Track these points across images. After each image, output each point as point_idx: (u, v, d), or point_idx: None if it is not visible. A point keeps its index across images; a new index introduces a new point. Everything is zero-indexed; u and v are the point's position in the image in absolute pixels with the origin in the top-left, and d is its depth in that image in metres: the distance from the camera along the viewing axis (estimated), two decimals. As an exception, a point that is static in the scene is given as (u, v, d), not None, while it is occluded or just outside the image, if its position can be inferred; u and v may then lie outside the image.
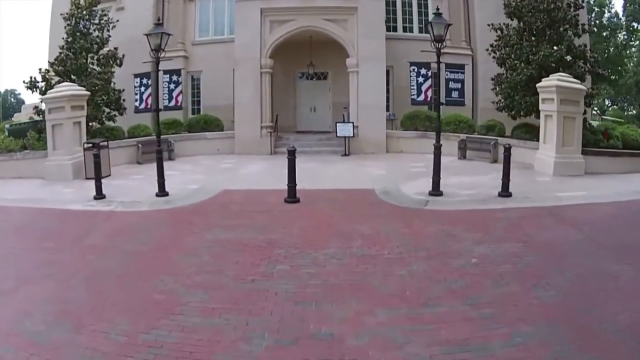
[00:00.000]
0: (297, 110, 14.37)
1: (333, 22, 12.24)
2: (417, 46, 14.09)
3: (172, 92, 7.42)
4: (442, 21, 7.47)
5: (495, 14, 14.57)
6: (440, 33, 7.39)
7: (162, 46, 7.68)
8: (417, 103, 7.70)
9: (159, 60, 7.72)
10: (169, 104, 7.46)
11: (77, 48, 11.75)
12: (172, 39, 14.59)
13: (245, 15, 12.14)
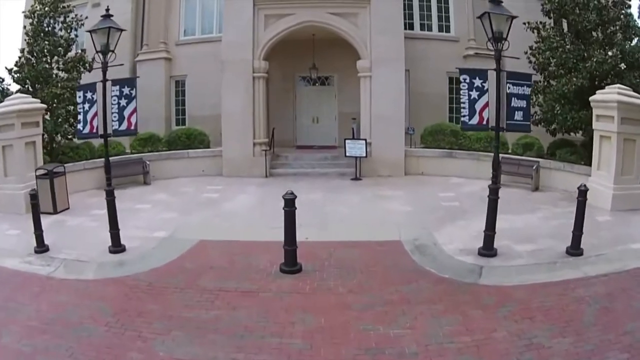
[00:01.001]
0: (297, 121, 12.26)
1: (341, 16, 10.07)
2: (436, 47, 12.14)
3: (122, 110, 5.40)
4: (503, 12, 5.35)
5: (525, 10, 12.50)
6: (501, 29, 5.28)
7: (111, 46, 5.62)
8: (469, 128, 5.63)
9: (106, 67, 5.66)
10: (119, 127, 5.42)
11: (39, 51, 9.81)
12: (154, 38, 12.80)
13: (234, 8, 10.02)
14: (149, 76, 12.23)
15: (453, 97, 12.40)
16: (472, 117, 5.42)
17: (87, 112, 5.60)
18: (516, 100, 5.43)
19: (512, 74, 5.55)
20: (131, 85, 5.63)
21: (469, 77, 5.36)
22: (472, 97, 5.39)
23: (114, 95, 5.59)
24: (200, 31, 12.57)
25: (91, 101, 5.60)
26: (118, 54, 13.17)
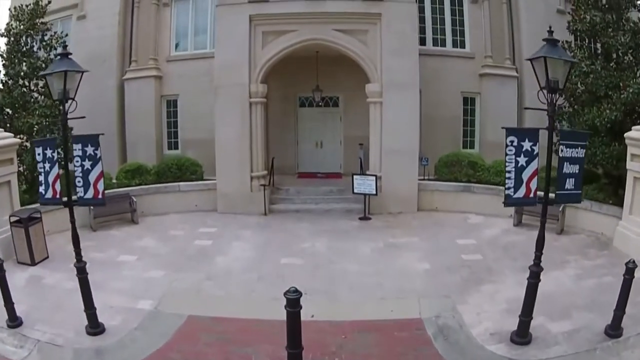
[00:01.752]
0: (299, 146, 11.29)
1: (348, 33, 9.05)
2: (451, 64, 11.09)
3: (87, 174, 4.39)
4: (561, 55, 4.37)
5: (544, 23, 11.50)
6: (558, 76, 4.34)
7: (70, 92, 4.65)
8: (513, 202, 4.67)
9: (66, 121, 4.71)
10: (84, 194, 4.45)
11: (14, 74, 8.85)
12: (143, 53, 11.59)
13: (228, 25, 8.98)
14: (138, 96, 11.31)
15: (467, 119, 11.45)
16: (517, 189, 4.47)
17: (49, 173, 4.66)
18: (568, 166, 4.47)
19: (566, 134, 4.58)
20: (95, 144, 4.66)
21: (517, 139, 4.38)
22: (519, 165, 4.43)
23: (77, 155, 4.63)
24: (193, 46, 11.51)
25: (52, 160, 4.66)
26: (105, 73, 12.33)
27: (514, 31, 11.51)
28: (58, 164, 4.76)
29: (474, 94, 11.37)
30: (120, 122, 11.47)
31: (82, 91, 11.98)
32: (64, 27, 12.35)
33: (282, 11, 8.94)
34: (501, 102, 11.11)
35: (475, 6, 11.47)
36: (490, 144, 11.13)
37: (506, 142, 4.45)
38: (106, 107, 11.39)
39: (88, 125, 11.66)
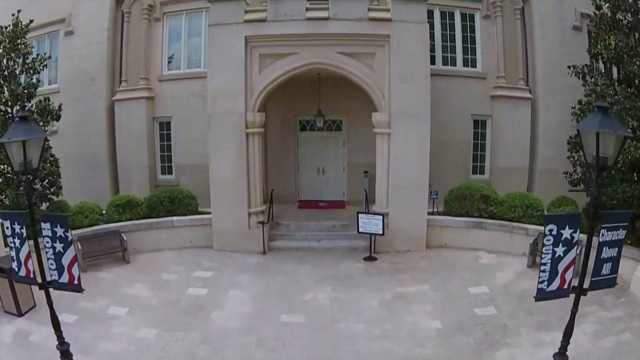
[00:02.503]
0: (299, 172, 10.65)
1: (354, 57, 8.36)
2: (461, 85, 10.40)
3: (60, 257, 3.82)
4: (616, 126, 3.69)
5: (559, 43, 10.95)
6: (608, 152, 3.70)
7: (34, 162, 3.99)
8: (546, 297, 4.08)
9: (31, 205, 4.05)
10: (59, 278, 3.92)
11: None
12: (133, 72, 10.64)
13: (221, 47, 8.28)
14: (129, 118, 10.66)
15: (478, 144, 10.81)
16: (552, 282, 3.86)
17: (19, 250, 4.06)
18: (608, 250, 3.87)
19: (610, 216, 3.94)
20: (64, 225, 4.02)
21: (557, 227, 3.74)
22: (556, 255, 3.81)
23: (46, 235, 4.01)
24: (187, 64, 10.81)
25: (21, 237, 4.05)
26: (94, 93, 11.50)
27: (527, 49, 10.82)
28: (28, 242, 4.14)
29: (484, 117, 10.72)
30: (111, 145, 10.82)
31: (70, 113, 11.52)
32: (52, 42, 11.65)
33: (281, 32, 8.24)
34: (514, 125, 10.47)
35: (488, 22, 10.75)
36: (501, 169, 10.54)
37: (545, 231, 3.82)
38: (96, 130, 10.77)
39: (78, 148, 11.20)
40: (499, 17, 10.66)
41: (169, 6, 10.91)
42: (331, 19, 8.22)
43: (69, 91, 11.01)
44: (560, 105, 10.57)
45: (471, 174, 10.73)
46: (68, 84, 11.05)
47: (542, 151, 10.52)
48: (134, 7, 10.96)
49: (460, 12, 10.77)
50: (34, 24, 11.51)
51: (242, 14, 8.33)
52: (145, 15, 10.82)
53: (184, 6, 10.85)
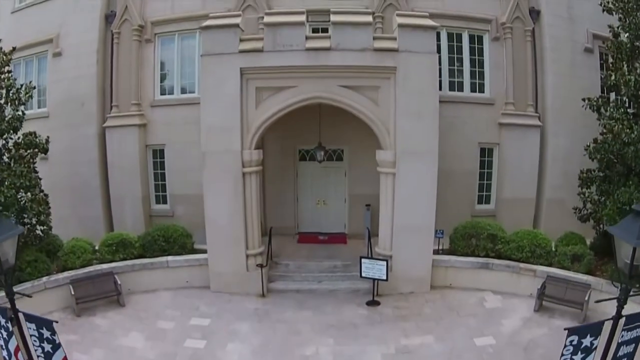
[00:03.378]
0: (299, 203, 10.24)
1: (357, 90, 7.89)
2: (468, 112, 9.94)
3: (50, 356, 3.60)
4: None
5: (570, 66, 10.48)
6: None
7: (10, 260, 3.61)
8: None
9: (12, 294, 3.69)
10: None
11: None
12: (124, 97, 10.00)
13: (215, 79, 7.78)
14: (121, 146, 10.19)
15: (484, 172, 10.40)
16: None
17: (7, 341, 3.72)
18: (625, 348, 3.55)
19: (632, 318, 3.59)
20: (50, 329, 3.69)
21: (578, 337, 3.43)
22: None
23: (33, 335, 3.67)
24: (180, 90, 10.28)
25: (7, 330, 3.71)
26: (85, 119, 10.97)
27: (537, 73, 10.31)
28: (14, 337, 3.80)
29: (492, 145, 10.29)
30: (103, 173, 10.37)
31: (61, 140, 11.02)
32: (40, 63, 11.09)
33: (279, 64, 7.74)
34: (522, 154, 10.06)
35: (497, 44, 10.24)
36: (507, 200, 10.18)
37: (565, 342, 3.48)
38: (87, 158, 10.32)
39: (69, 177, 10.73)
40: (509, 40, 10.14)
41: (161, 27, 10.34)
42: (333, 49, 7.72)
43: (58, 116, 10.55)
44: (570, 132, 10.20)
45: (476, 203, 10.37)
46: (57, 108, 10.56)
47: (550, 180, 10.13)
48: (123, 28, 10.40)
49: (469, 33, 10.23)
50: (22, 44, 11.10)
51: (237, 43, 7.82)
52: (135, 37, 10.25)
53: (176, 27, 10.28)
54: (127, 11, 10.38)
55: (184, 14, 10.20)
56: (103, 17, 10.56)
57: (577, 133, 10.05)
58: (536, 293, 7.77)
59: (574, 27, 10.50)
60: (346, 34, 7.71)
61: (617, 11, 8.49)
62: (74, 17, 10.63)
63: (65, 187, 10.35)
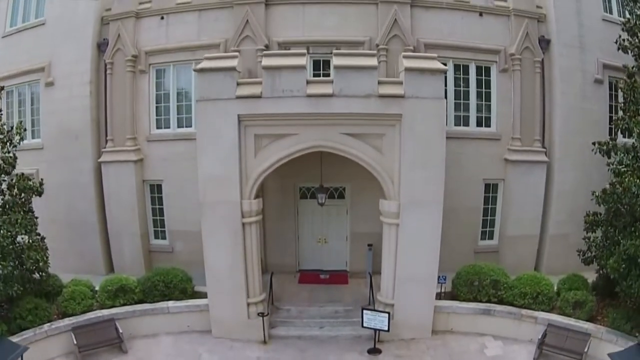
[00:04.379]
0: (300, 241, 10.08)
1: (360, 138, 7.63)
2: (473, 147, 9.71)
3: None
4: None
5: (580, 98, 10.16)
6: None
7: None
8: None
9: None
10: None
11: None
12: (119, 131, 9.67)
13: (212, 126, 7.48)
14: (117, 182, 9.97)
15: (488, 208, 10.25)
16: None
17: None
18: None
19: None
20: None
21: None
22: None
23: None
24: (176, 123, 9.97)
25: None
26: (80, 152, 10.60)
27: (546, 105, 10.00)
28: None
29: (496, 180, 10.08)
30: (100, 209, 10.18)
31: (56, 173, 10.76)
32: (32, 90, 10.74)
33: (279, 111, 7.44)
34: (527, 190, 9.86)
35: (505, 76, 9.89)
36: (511, 237, 10.04)
37: None
38: (83, 192, 10.11)
39: (66, 212, 10.56)
40: (517, 72, 9.79)
41: (155, 57, 9.96)
42: (336, 95, 7.40)
43: (53, 148, 10.28)
44: (577, 166, 9.97)
45: (480, 239, 10.24)
46: (52, 140, 10.28)
47: (554, 216, 9.97)
48: (116, 58, 10.01)
49: (476, 64, 9.87)
50: (14, 71, 10.76)
51: (234, 88, 7.48)
52: (129, 68, 9.87)
53: (171, 57, 9.89)
54: (119, 40, 9.97)
55: (178, 44, 9.82)
56: (95, 45, 10.16)
57: (585, 167, 9.87)
58: (537, 342, 7.75)
59: (585, 56, 10.11)
60: (350, 78, 7.37)
61: (632, 50, 8.19)
62: (65, 46, 10.21)
63: (63, 221, 10.19)
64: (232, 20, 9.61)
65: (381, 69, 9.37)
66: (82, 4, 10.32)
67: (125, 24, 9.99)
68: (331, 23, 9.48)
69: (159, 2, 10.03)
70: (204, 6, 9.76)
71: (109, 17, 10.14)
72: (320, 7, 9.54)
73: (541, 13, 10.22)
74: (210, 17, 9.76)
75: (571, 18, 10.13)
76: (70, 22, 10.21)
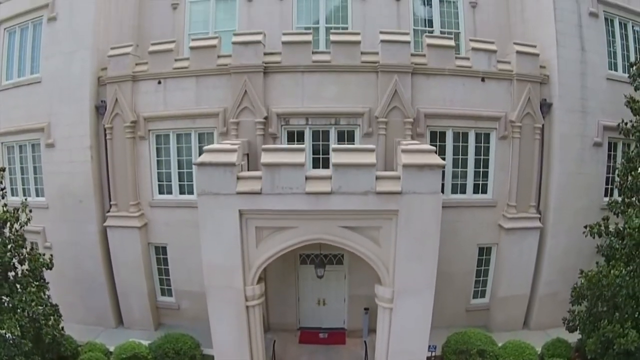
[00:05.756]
0: (300, 303, 10.56)
1: (358, 231, 7.85)
2: (470, 215, 10.03)
3: None
4: None
5: (578, 164, 10.22)
6: None
7: None
8: None
9: None
10: None
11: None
12: (122, 196, 10.11)
13: (214, 219, 7.72)
14: (123, 245, 10.31)
15: (481, 270, 10.63)
16: None
17: None
18: None
19: None
20: None
21: None
22: None
23: None
24: (178, 190, 10.13)
25: None
26: (84, 215, 10.91)
27: (543, 170, 10.10)
28: None
29: (490, 244, 10.38)
30: (107, 268, 10.55)
31: (62, 233, 11.07)
32: (34, 149, 10.80)
33: (279, 207, 7.59)
34: (520, 254, 10.18)
35: (504, 142, 9.92)
36: (502, 297, 10.49)
37: None
38: (90, 252, 10.44)
39: (74, 269, 11.03)
40: (517, 139, 9.79)
41: (154, 123, 9.94)
42: (334, 192, 7.54)
43: (57, 209, 10.50)
44: (570, 230, 10.18)
45: (472, 298, 10.71)
46: (56, 201, 10.47)
47: (545, 277, 10.35)
48: (115, 122, 10.00)
49: (475, 132, 9.85)
50: (12, 129, 10.78)
51: (234, 184, 7.60)
52: (129, 134, 9.89)
53: (171, 124, 9.87)
54: (117, 105, 9.91)
55: (177, 111, 9.77)
56: (93, 108, 10.10)
57: (577, 230, 9.89)
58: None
59: (586, 120, 10.09)
60: (348, 176, 7.46)
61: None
62: (63, 108, 10.18)
63: (71, 276, 10.58)
64: (231, 88, 9.52)
65: (380, 142, 9.49)
66: (77, 63, 10.15)
67: (122, 87, 9.89)
68: (331, 93, 9.40)
69: (155, 66, 9.88)
70: (201, 72, 9.62)
71: (106, 79, 10.01)
72: (319, 75, 9.41)
73: (544, 74, 10.06)
74: (208, 84, 9.66)
75: (575, 80, 10.00)
76: (66, 82, 10.12)
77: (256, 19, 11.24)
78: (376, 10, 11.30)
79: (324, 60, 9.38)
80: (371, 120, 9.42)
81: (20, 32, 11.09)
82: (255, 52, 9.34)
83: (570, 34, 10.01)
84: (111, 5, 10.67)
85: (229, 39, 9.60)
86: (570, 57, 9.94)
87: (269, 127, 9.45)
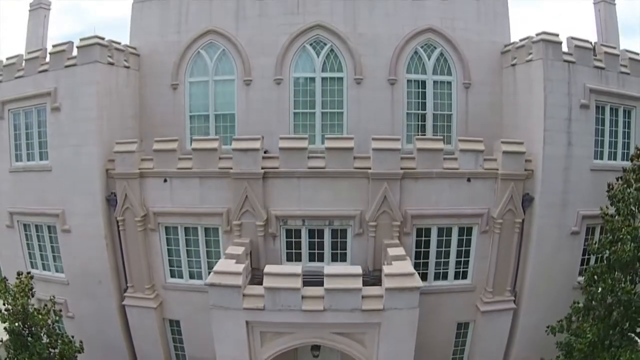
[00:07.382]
0: (299, 367, 12.01)
1: (346, 335, 9.06)
2: (450, 299, 11.08)
3: None
4: None
5: (555, 248, 10.94)
6: None
7: None
8: None
9: None
10: None
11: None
12: (137, 279, 11.52)
13: (225, 327, 8.95)
14: (141, 321, 11.54)
15: (459, 341, 11.85)
16: None
17: None
18: None
19: None
20: None
21: None
22: None
23: None
24: (188, 276, 11.14)
25: None
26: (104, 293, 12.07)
27: (519, 260, 10.96)
28: None
29: (468, 320, 11.51)
30: (128, 340, 11.81)
31: (84, 307, 12.18)
32: (51, 231, 11.63)
33: (279, 320, 8.75)
34: (494, 330, 11.32)
35: (485, 236, 10.72)
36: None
37: None
38: (111, 325, 11.65)
39: (96, 336, 12.39)
40: (497, 234, 10.58)
41: (163, 217, 10.75)
42: (326, 310, 8.62)
43: (77, 286, 11.56)
44: (543, 308, 11.11)
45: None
46: (76, 279, 11.50)
47: (516, 349, 11.52)
48: (126, 215, 10.79)
49: (458, 227, 10.62)
50: (27, 211, 11.53)
51: (241, 301, 8.70)
52: (140, 227, 10.72)
53: (179, 220, 10.69)
54: (127, 199, 10.67)
55: (184, 209, 10.55)
56: (104, 200, 10.85)
57: (550, 308, 10.93)
58: None
59: (565, 212, 10.80)
60: (338, 297, 8.56)
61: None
62: (76, 198, 10.93)
63: (94, 344, 11.43)
64: (233, 190, 10.24)
65: (370, 243, 10.35)
66: (85, 157, 10.74)
67: (130, 184, 10.58)
68: (325, 197, 10.12)
69: (160, 164, 10.52)
70: (204, 174, 10.28)
71: (115, 175, 10.68)
72: (314, 181, 10.08)
73: (529, 169, 10.59)
74: (211, 185, 10.35)
75: (557, 176, 10.58)
76: (76, 173, 10.80)
77: (254, 103, 11.64)
78: (371, 94, 11.64)
79: (319, 167, 10.01)
80: (362, 222, 10.23)
81: (24, 114, 11.53)
82: (255, 160, 9.96)
83: (559, 129, 10.44)
84: (112, 97, 11.06)
85: (229, 121, 10.12)
86: (556, 154, 10.44)
87: (268, 227, 10.30)
